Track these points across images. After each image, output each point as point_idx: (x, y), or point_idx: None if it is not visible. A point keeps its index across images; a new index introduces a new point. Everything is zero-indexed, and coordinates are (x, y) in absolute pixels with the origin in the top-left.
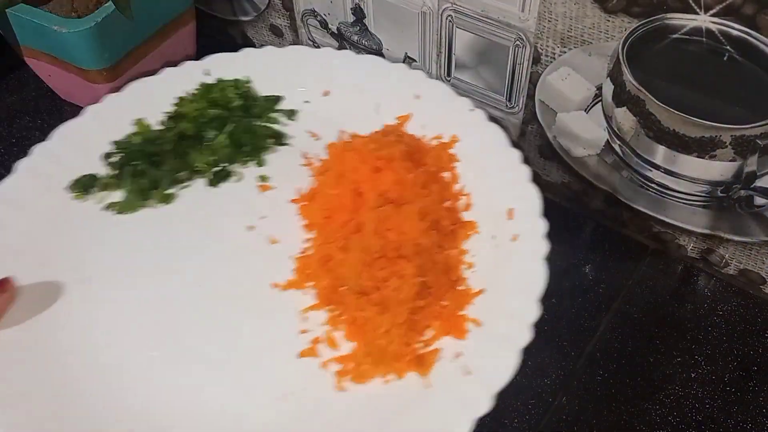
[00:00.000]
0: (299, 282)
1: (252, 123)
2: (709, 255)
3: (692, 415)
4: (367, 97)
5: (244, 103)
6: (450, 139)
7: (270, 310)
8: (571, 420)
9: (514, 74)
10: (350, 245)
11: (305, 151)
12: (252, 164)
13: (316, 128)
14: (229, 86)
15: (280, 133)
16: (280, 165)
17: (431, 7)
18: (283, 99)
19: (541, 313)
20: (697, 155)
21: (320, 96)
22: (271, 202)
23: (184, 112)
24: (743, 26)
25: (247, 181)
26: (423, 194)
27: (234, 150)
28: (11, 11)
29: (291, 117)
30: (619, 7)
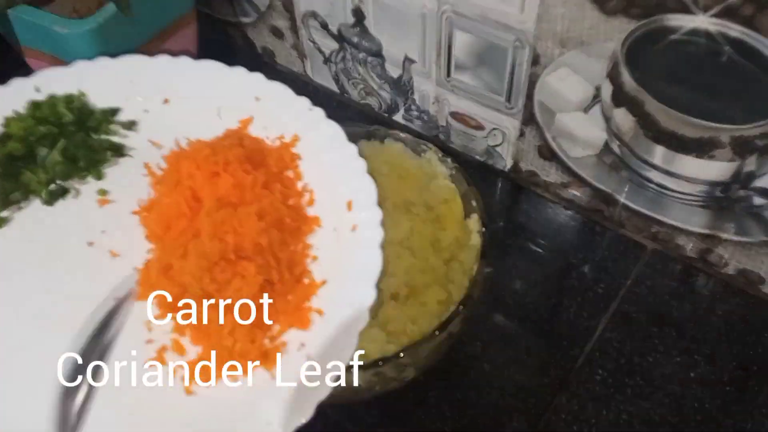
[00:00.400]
0: (142, 293)
1: (86, 137)
2: (708, 255)
3: (692, 415)
4: (208, 102)
5: (78, 118)
6: (291, 139)
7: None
8: (570, 419)
9: (514, 75)
10: (189, 252)
11: (148, 161)
12: (90, 179)
13: (157, 137)
14: (59, 102)
15: (117, 145)
16: (120, 177)
17: (431, 8)
18: (121, 110)
19: (375, 299)
20: (695, 155)
21: (160, 104)
22: (111, 215)
23: (10, 133)
24: (742, 27)
25: (86, 196)
26: (264, 195)
27: (69, 166)
28: (12, 12)
29: (130, 128)
30: (618, 8)
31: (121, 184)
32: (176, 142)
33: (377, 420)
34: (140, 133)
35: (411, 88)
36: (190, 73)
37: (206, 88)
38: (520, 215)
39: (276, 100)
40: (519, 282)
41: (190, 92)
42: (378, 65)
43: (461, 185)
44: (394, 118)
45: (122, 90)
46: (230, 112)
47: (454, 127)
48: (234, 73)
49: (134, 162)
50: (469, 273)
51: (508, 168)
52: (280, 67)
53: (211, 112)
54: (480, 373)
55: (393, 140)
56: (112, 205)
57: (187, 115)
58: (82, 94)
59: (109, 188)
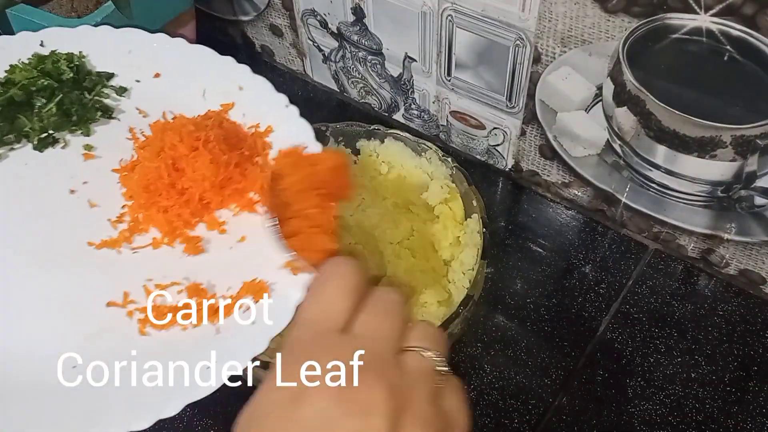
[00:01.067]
0: (115, 242)
1: (81, 95)
2: (709, 255)
3: (693, 415)
4: (195, 82)
5: (76, 76)
6: (265, 129)
7: (84, 264)
8: (571, 420)
9: (515, 74)
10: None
11: (133, 126)
12: (79, 133)
13: (144, 106)
14: (62, 59)
15: (108, 107)
16: (106, 137)
17: (431, 6)
18: (116, 76)
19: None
20: (697, 155)
21: (151, 77)
22: (94, 169)
23: (14, 80)
24: (743, 26)
25: (73, 149)
26: (235, 173)
27: (62, 119)
28: (11, 11)
29: (121, 93)
30: (620, 7)
31: (106, 143)
32: (163, 114)
33: None
34: (130, 100)
35: (411, 87)
36: (183, 53)
37: (196, 69)
38: (520, 215)
39: (257, 92)
40: (519, 282)
41: (180, 70)
42: (378, 64)
43: (461, 185)
44: (394, 117)
45: (119, 58)
46: (214, 95)
47: (455, 126)
48: (223, 61)
49: (120, 125)
50: (469, 273)
51: (508, 167)
52: (279, 65)
53: (197, 91)
54: (480, 373)
55: (393, 140)
56: (96, 161)
57: (175, 90)
58: (83, 56)
59: (95, 144)
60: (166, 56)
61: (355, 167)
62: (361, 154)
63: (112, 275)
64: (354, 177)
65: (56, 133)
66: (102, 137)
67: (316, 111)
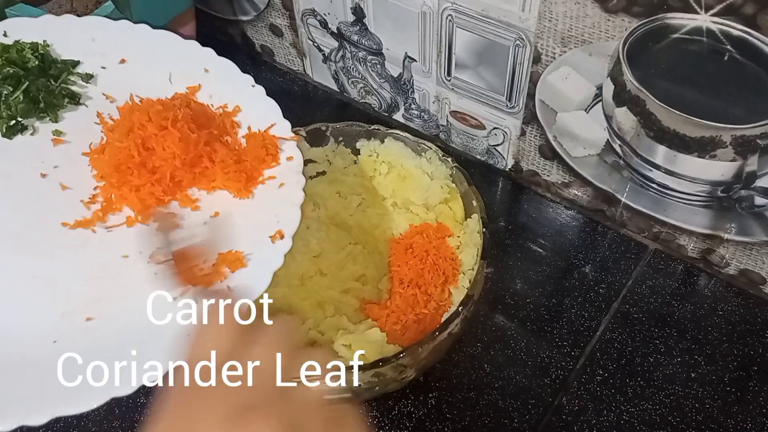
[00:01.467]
0: (89, 222)
1: (48, 83)
2: (709, 255)
3: (692, 415)
4: (161, 67)
5: (41, 64)
6: (233, 109)
7: (59, 245)
8: (571, 420)
9: (515, 74)
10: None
11: (100, 110)
12: (47, 120)
13: (111, 92)
14: (26, 47)
15: (75, 93)
16: (75, 122)
17: (431, 6)
18: (81, 63)
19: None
20: (697, 155)
21: (117, 63)
22: (64, 153)
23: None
24: (744, 26)
25: (42, 135)
26: (205, 152)
27: (30, 106)
28: (10, 11)
29: (87, 80)
30: (620, 7)
31: (75, 128)
32: (130, 97)
33: (377, 421)
34: (96, 86)
35: (411, 87)
36: (147, 39)
37: (161, 54)
38: (520, 215)
39: (223, 74)
40: (519, 282)
41: (145, 56)
42: (378, 64)
43: (461, 185)
44: (394, 117)
45: (84, 46)
46: (180, 79)
47: (455, 126)
48: (187, 45)
49: (88, 111)
50: (469, 273)
51: (508, 167)
52: (279, 65)
53: (163, 76)
54: (480, 373)
55: (393, 140)
56: (66, 145)
57: (141, 75)
58: (48, 44)
59: (64, 130)
60: (131, 42)
61: (356, 167)
62: (361, 154)
63: (87, 254)
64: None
65: (24, 120)
66: (70, 123)
67: (316, 111)
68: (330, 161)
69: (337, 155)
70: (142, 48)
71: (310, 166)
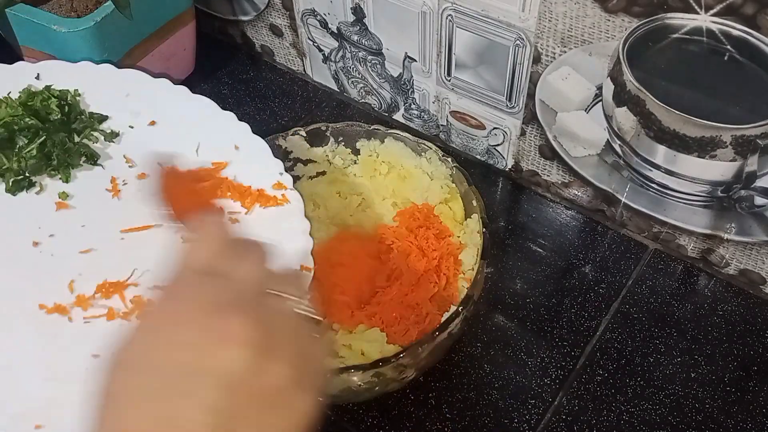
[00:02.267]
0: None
1: (66, 139)
2: (709, 255)
3: (692, 415)
4: (191, 135)
5: (65, 117)
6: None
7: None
8: (571, 420)
9: (515, 74)
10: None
11: (116, 175)
12: (57, 178)
13: (133, 155)
14: (53, 96)
15: (94, 154)
16: (86, 185)
17: (431, 6)
18: (109, 119)
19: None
20: (697, 155)
21: (146, 124)
22: (65, 222)
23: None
24: (744, 26)
25: (47, 195)
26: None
27: (41, 162)
28: (11, 11)
29: (111, 139)
30: (620, 7)
31: (84, 192)
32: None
33: (377, 421)
34: (119, 146)
35: (411, 87)
36: (183, 102)
37: (194, 121)
38: (520, 215)
39: (254, 154)
40: (519, 282)
41: (177, 120)
42: (378, 64)
43: (461, 185)
44: (394, 117)
45: (117, 100)
46: (207, 152)
47: (455, 126)
48: (224, 116)
49: (103, 173)
50: (469, 273)
51: (508, 168)
52: (279, 65)
53: (191, 146)
54: (480, 373)
55: (393, 140)
56: (68, 211)
57: (168, 141)
58: (78, 94)
59: (72, 192)
60: (166, 104)
61: (356, 167)
62: (361, 154)
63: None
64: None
65: (33, 176)
66: (81, 185)
67: (316, 111)
68: (330, 161)
69: (337, 155)
70: (175, 111)
71: (310, 166)
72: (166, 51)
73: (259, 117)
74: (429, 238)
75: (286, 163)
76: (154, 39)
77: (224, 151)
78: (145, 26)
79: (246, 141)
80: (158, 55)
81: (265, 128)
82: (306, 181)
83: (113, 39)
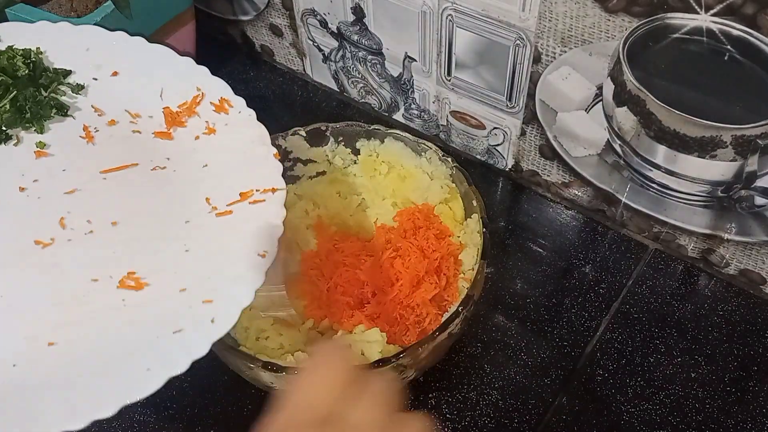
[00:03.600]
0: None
1: (36, 92)
2: (709, 255)
3: (692, 415)
4: (153, 82)
5: (31, 73)
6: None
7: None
8: (571, 420)
9: (515, 74)
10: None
11: (87, 124)
12: (33, 130)
13: (101, 105)
14: (18, 54)
15: (63, 105)
16: (60, 134)
17: (431, 6)
18: (73, 73)
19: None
20: (697, 155)
21: (109, 75)
22: (46, 167)
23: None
24: (744, 26)
25: (25, 146)
26: None
27: (15, 116)
28: (11, 11)
29: (77, 91)
30: (620, 7)
31: (60, 141)
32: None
33: None
34: (86, 98)
35: (411, 87)
36: (142, 53)
37: (154, 69)
38: (520, 215)
39: (215, 94)
40: (519, 282)
41: (138, 70)
42: (378, 64)
43: (461, 185)
44: (394, 117)
45: (78, 55)
46: (171, 95)
47: (455, 126)
48: (182, 61)
49: (75, 123)
50: (469, 273)
51: (508, 167)
52: (279, 65)
53: (154, 92)
54: (480, 373)
55: (393, 140)
56: (48, 159)
57: (132, 89)
58: (40, 52)
59: (49, 142)
60: (125, 55)
61: (356, 167)
62: (361, 154)
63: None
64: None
65: (9, 130)
66: (56, 135)
67: (316, 111)
68: (330, 161)
69: (337, 155)
70: (136, 61)
71: (310, 166)
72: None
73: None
74: (429, 238)
75: (286, 163)
76: (154, 39)
77: (187, 93)
78: (145, 26)
79: (207, 82)
80: None
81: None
82: (306, 181)
83: None
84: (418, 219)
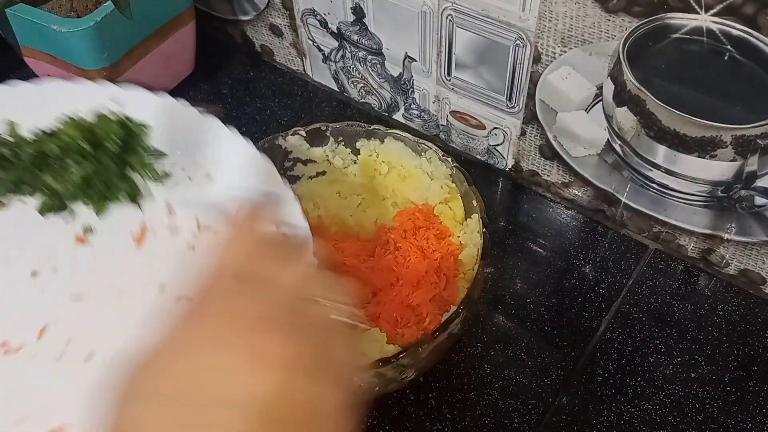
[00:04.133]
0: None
1: (112, 174)
2: (709, 255)
3: (693, 415)
4: (242, 195)
5: (123, 149)
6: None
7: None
8: (571, 420)
9: (515, 74)
10: None
11: (150, 223)
12: (90, 208)
13: (175, 202)
14: (118, 130)
15: (135, 194)
16: (112, 225)
17: (431, 6)
18: (165, 157)
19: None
20: (697, 155)
21: (203, 176)
22: (75, 258)
23: (61, 133)
24: (744, 26)
25: (72, 226)
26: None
27: (81, 189)
28: (11, 11)
29: (161, 179)
30: (620, 7)
31: (107, 232)
32: (196, 222)
33: (377, 421)
34: (165, 190)
35: (411, 87)
36: (248, 166)
37: (251, 184)
38: (520, 215)
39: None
40: (519, 282)
41: (235, 180)
42: (378, 64)
43: (462, 185)
44: (394, 117)
45: (185, 143)
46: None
47: (455, 126)
48: (278, 181)
49: (135, 217)
50: (469, 273)
51: (509, 167)
52: (279, 65)
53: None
54: (480, 373)
55: (393, 140)
56: (83, 249)
57: (219, 200)
58: (147, 127)
59: (96, 228)
60: (233, 161)
61: (356, 167)
62: (361, 154)
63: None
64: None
65: (70, 202)
66: (108, 223)
67: (316, 111)
68: (330, 161)
69: (337, 155)
70: (237, 168)
71: (310, 166)
72: (166, 51)
73: (259, 117)
74: (429, 238)
75: (286, 163)
76: (154, 39)
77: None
78: (145, 26)
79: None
80: (158, 55)
81: (265, 128)
82: (306, 181)
83: (113, 39)
84: (418, 219)
